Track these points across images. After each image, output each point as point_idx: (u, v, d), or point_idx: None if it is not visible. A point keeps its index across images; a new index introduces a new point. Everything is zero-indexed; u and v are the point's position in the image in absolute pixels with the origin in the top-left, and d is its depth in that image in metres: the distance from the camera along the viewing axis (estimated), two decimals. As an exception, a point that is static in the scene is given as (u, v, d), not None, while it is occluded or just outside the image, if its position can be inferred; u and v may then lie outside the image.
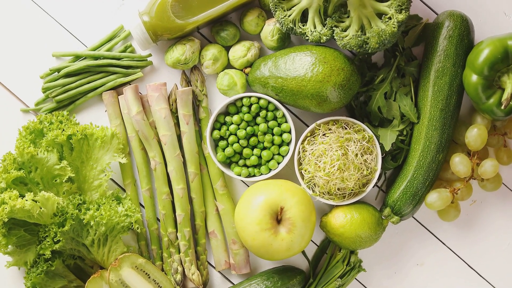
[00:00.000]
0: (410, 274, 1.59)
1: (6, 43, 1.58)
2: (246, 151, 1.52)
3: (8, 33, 1.58)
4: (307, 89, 1.44)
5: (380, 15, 1.41)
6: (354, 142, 1.48)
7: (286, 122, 1.52)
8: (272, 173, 1.52)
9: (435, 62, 1.48)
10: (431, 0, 1.57)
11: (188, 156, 1.53)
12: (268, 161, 1.52)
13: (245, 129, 1.52)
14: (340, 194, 1.50)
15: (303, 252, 1.56)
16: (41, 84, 1.57)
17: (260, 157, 1.53)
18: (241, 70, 1.55)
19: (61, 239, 1.44)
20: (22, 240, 1.48)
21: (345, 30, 1.43)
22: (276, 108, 1.52)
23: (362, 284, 1.58)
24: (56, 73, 1.56)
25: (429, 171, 1.49)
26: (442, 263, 1.58)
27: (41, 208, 1.43)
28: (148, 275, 1.51)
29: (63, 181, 1.48)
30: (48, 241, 1.45)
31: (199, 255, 1.56)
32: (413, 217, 1.58)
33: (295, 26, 1.46)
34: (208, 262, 1.58)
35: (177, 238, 1.54)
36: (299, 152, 1.51)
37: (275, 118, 1.52)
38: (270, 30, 1.52)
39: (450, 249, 1.59)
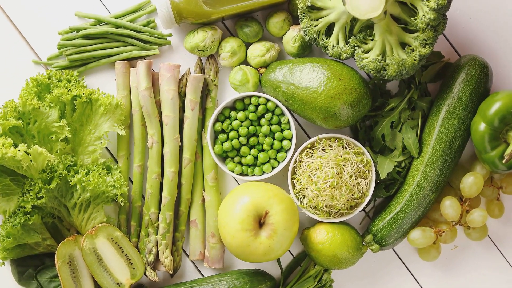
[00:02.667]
0: (378, 304, 1.59)
1: (32, -7, 1.58)
2: (244, 149, 1.52)
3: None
4: (317, 101, 1.44)
5: (404, 45, 1.41)
6: (352, 163, 1.48)
7: (289, 129, 1.52)
8: (265, 176, 1.52)
9: (448, 103, 1.48)
10: (457, 40, 1.57)
11: (186, 142, 1.53)
12: (263, 164, 1.52)
13: (248, 128, 1.52)
14: (326, 211, 1.50)
15: (278, 260, 1.56)
16: (58, 40, 1.57)
17: (256, 158, 1.53)
18: (256, 69, 1.55)
19: (44, 195, 1.44)
20: (6, 188, 1.48)
21: (367, 52, 1.43)
22: (283, 114, 1.52)
23: (329, 304, 1.59)
24: (75, 32, 1.56)
25: (418, 208, 1.49)
26: (412, 300, 1.59)
27: (31, 162, 1.43)
28: (122, 249, 1.51)
29: (59, 139, 1.48)
30: (31, 195, 1.44)
31: (176, 240, 1.56)
32: (393, 249, 1.58)
33: (318, 37, 1.46)
34: (183, 249, 1.58)
35: (158, 219, 1.54)
36: (295, 161, 1.51)
37: (279, 123, 1.52)
38: (293, 36, 1.52)
39: (422, 288, 1.59)
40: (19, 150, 1.42)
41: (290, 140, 1.52)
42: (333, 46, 1.45)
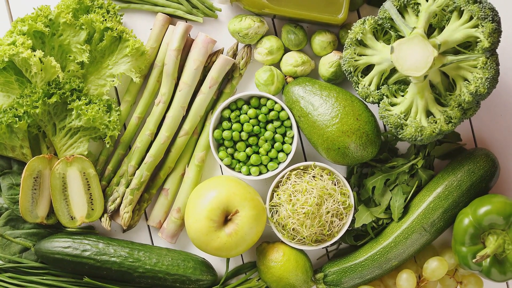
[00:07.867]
0: None
1: None
2: (240, 144, 1.52)
3: None
4: (327, 131, 1.44)
5: (429, 113, 1.41)
6: (334, 201, 1.48)
7: (291, 144, 1.52)
8: (250, 177, 1.52)
9: (446, 184, 1.48)
10: (480, 130, 1.57)
11: (191, 114, 1.53)
12: (253, 165, 1.52)
13: (253, 126, 1.52)
14: (291, 234, 1.50)
15: (227, 260, 1.56)
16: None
17: (248, 157, 1.53)
18: (285, 76, 1.55)
19: (40, 107, 1.44)
20: (7, 85, 1.47)
21: (392, 105, 1.43)
22: (290, 127, 1.52)
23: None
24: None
25: (377, 268, 1.49)
26: None
27: (41, 70, 1.43)
28: (89, 187, 1.51)
29: (75, 61, 1.48)
30: (27, 101, 1.44)
31: (142, 201, 1.55)
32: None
33: (354, 72, 1.46)
34: (145, 211, 1.58)
35: (134, 174, 1.54)
36: (283, 176, 1.51)
37: (284, 134, 1.52)
38: (331, 61, 1.51)
39: None
40: (34, 55, 1.42)
41: (287, 154, 1.52)
42: (364, 86, 1.45)
